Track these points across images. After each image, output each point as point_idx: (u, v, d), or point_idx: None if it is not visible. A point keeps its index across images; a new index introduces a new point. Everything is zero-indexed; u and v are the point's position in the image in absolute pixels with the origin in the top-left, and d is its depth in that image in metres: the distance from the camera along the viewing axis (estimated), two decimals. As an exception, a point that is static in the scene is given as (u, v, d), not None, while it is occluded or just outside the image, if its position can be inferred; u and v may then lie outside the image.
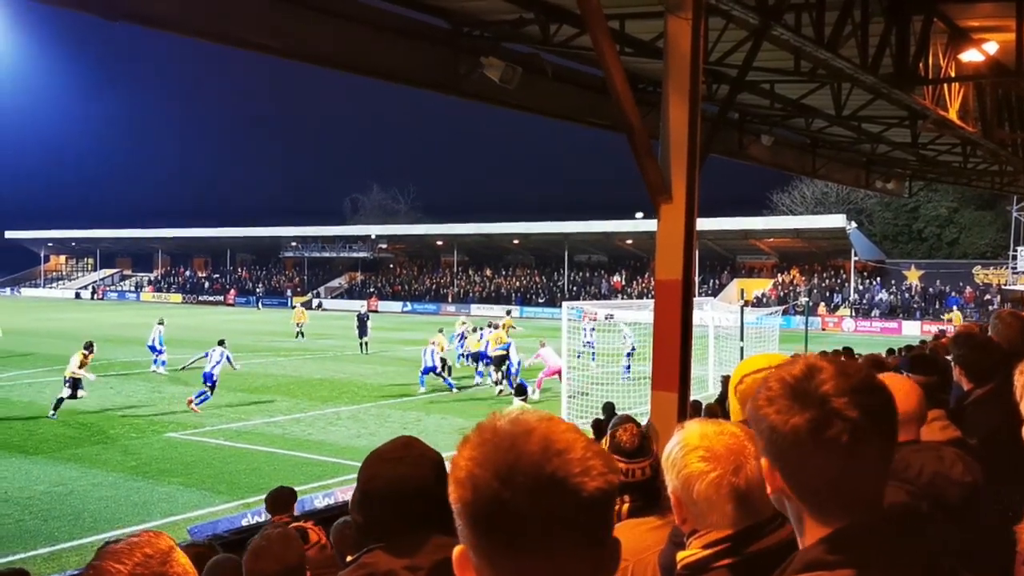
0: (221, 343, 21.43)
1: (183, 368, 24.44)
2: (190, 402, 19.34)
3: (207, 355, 20.75)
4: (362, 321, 33.41)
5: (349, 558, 2.25)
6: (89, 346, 20.12)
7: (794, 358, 1.46)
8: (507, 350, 23.04)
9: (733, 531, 1.85)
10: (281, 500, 7.59)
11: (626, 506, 3.17)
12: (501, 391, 22.70)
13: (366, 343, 32.68)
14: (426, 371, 23.00)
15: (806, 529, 1.40)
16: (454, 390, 22.76)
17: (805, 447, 1.33)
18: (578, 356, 23.32)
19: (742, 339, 23.58)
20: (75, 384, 18.98)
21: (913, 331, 45.28)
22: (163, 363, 26.27)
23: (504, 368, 23.02)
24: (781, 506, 1.46)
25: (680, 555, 1.92)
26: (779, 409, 1.35)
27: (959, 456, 2.76)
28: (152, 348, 26.67)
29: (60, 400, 18.59)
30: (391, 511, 2.12)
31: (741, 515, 1.85)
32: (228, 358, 20.99)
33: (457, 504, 1.13)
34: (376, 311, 58.09)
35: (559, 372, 20.49)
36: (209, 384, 19.95)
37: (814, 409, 1.33)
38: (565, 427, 1.15)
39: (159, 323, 27.51)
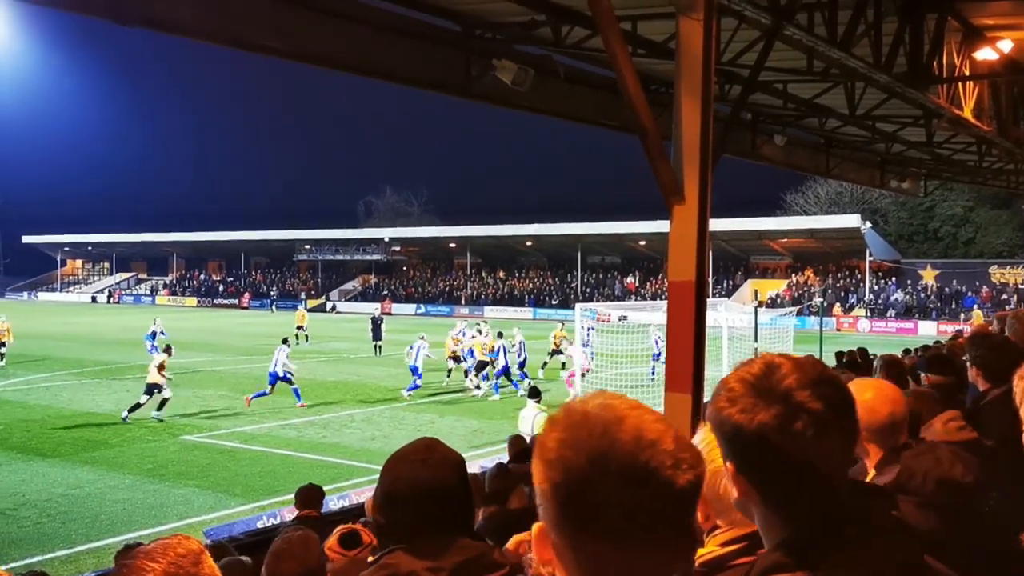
0: (285, 341, 22.25)
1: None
2: (248, 400, 20.45)
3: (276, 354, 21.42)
4: (376, 324, 33.49)
5: (370, 558, 2.26)
6: (168, 350, 20.69)
7: (751, 359, 1.45)
8: (494, 358, 23.25)
9: (751, 530, 1.84)
10: (311, 496, 7.70)
11: None
12: (480, 392, 22.96)
13: (379, 346, 32.79)
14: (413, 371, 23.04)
15: (770, 534, 1.39)
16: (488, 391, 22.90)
17: (772, 444, 1.31)
18: (591, 358, 23.25)
19: (756, 340, 23.50)
20: (152, 390, 19.04)
21: (929, 331, 44.99)
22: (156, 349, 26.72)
23: (484, 372, 23.50)
24: (747, 513, 1.45)
25: (697, 552, 1.92)
26: (743, 408, 1.34)
27: (957, 456, 2.74)
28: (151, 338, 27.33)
29: (137, 405, 18.76)
30: (413, 513, 2.13)
31: None
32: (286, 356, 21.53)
33: (544, 484, 1.13)
34: (390, 313, 58.20)
35: (584, 372, 20.71)
36: (271, 383, 20.71)
37: (779, 404, 1.32)
38: (654, 417, 1.15)
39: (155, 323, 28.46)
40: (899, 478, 2.62)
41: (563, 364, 26.14)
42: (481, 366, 23.53)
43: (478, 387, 23.05)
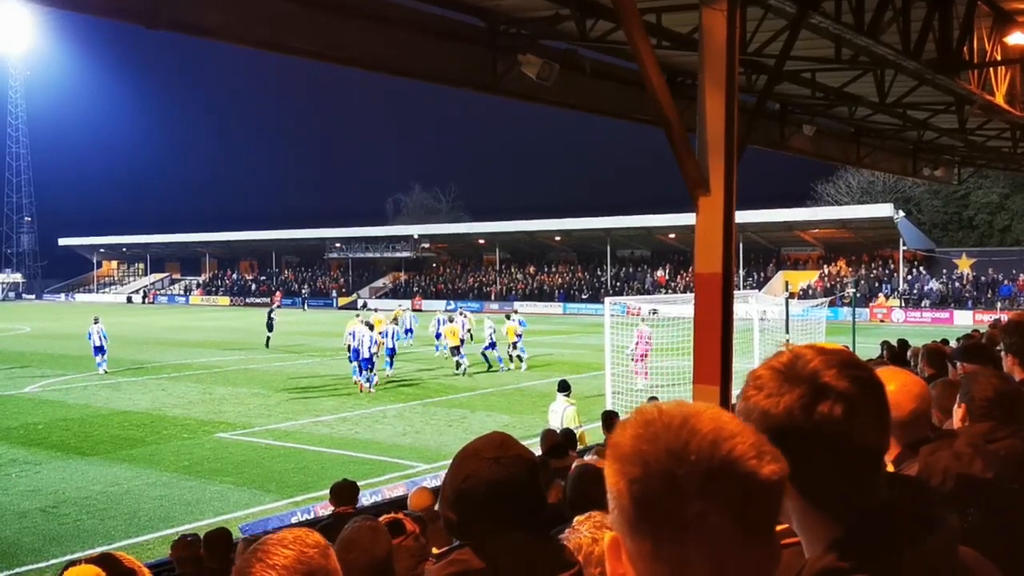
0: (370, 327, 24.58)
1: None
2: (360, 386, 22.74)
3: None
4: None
5: (436, 551, 2.27)
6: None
7: (779, 352, 1.45)
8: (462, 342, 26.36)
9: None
10: (347, 492, 7.78)
11: None
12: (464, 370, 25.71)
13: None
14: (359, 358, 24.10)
15: (812, 531, 1.35)
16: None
17: (800, 426, 1.29)
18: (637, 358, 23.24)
19: (787, 332, 23.29)
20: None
21: (965, 321, 44.38)
22: (102, 363, 27.13)
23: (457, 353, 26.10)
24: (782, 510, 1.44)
25: None
26: (769, 393, 1.32)
27: (976, 449, 2.69)
28: (98, 350, 27.36)
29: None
30: (484, 511, 2.13)
31: None
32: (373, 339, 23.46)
33: (620, 483, 1.08)
34: (420, 310, 58.42)
35: (644, 356, 20.89)
36: (368, 366, 23.03)
37: (804, 385, 1.30)
38: (731, 415, 1.13)
39: (95, 322, 28.30)
40: (920, 475, 2.59)
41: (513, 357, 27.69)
42: (455, 351, 26.23)
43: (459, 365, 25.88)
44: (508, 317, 28.55)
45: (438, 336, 30.83)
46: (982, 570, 1.43)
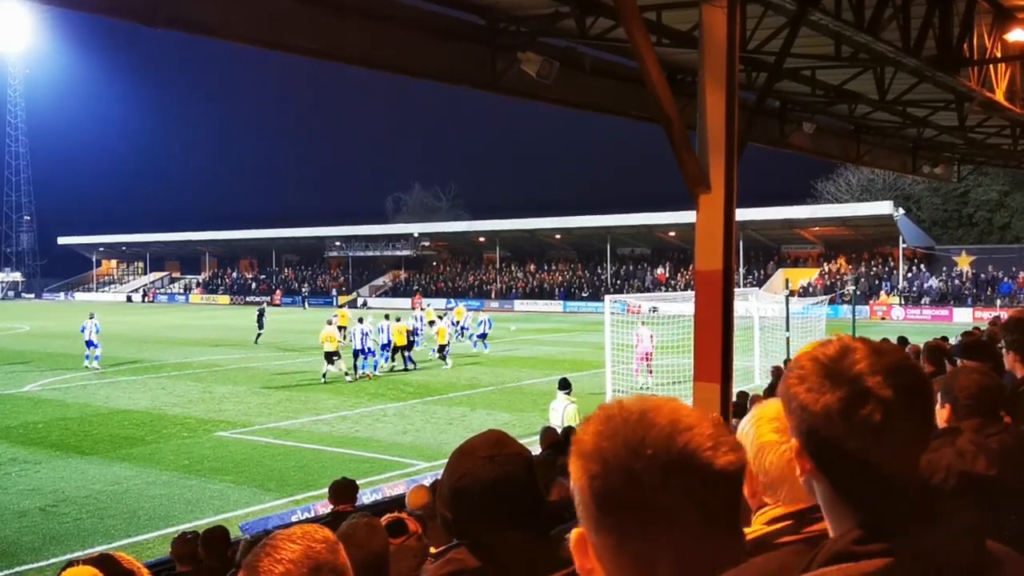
0: (360, 320, 26.03)
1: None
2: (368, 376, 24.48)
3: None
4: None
5: (434, 550, 2.26)
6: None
7: (828, 339, 1.43)
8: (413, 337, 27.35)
9: (798, 508, 1.83)
10: (345, 490, 7.77)
11: None
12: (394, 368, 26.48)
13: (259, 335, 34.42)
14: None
15: (836, 516, 1.36)
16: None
17: (836, 427, 1.29)
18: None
19: (788, 329, 23.31)
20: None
21: (965, 318, 44.37)
22: (97, 357, 27.51)
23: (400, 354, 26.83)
24: (810, 490, 1.43)
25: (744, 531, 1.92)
26: (810, 387, 1.31)
27: (979, 446, 2.68)
28: (89, 343, 27.80)
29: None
30: (481, 509, 2.11)
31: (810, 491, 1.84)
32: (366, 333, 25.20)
33: (583, 479, 1.10)
34: (421, 309, 58.39)
35: (648, 356, 20.80)
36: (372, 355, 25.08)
37: (846, 388, 1.29)
38: (690, 408, 1.14)
39: (91, 317, 28.64)
40: (922, 474, 2.58)
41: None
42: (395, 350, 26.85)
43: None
44: (440, 317, 28.57)
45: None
46: (1013, 563, 1.42)
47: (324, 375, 24.24)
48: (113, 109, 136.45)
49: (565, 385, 14.17)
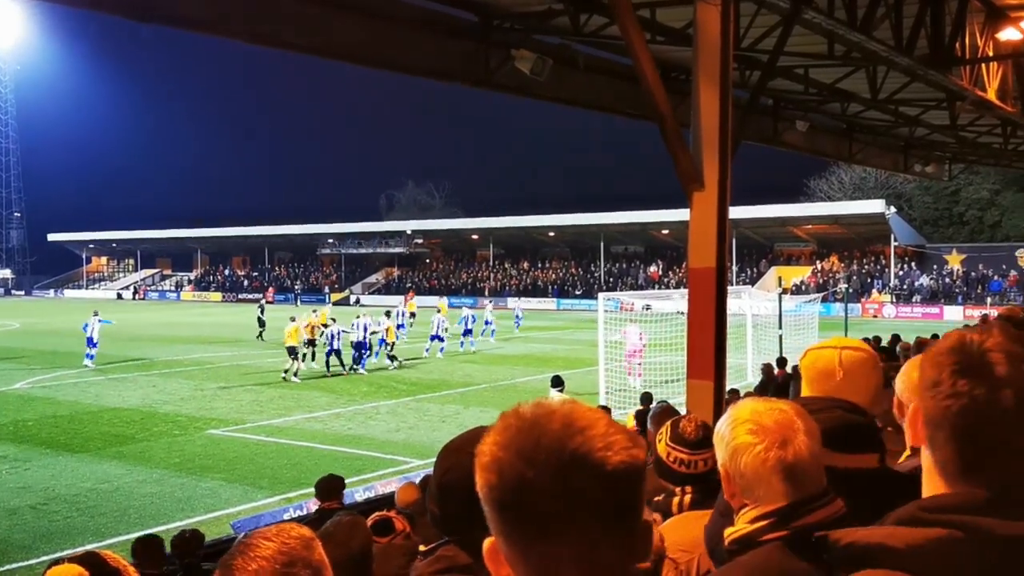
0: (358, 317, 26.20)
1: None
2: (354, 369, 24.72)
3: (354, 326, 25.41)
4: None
5: (423, 548, 2.25)
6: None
7: (974, 327, 1.44)
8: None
9: (778, 506, 1.84)
10: (331, 487, 7.73)
11: (688, 497, 3.16)
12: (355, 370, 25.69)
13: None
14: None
15: (930, 486, 1.39)
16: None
17: (969, 415, 1.31)
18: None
19: (780, 327, 23.36)
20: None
21: (955, 316, 44.56)
22: (91, 356, 27.37)
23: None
24: (918, 456, 1.45)
25: (728, 531, 1.92)
26: (951, 372, 1.33)
27: None
28: (89, 341, 27.66)
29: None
30: (468, 505, 2.11)
31: (788, 490, 1.83)
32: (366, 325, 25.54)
33: (484, 489, 1.12)
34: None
35: (638, 352, 20.77)
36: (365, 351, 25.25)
37: (985, 379, 1.30)
38: (587, 408, 1.15)
39: (95, 314, 28.69)
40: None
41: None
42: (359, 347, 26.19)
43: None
44: (388, 315, 28.35)
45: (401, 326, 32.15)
46: None
47: (286, 371, 23.97)
48: (104, 105, 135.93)
49: (558, 383, 14.16)
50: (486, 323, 34.87)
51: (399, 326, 31.24)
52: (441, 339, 29.44)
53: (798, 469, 1.82)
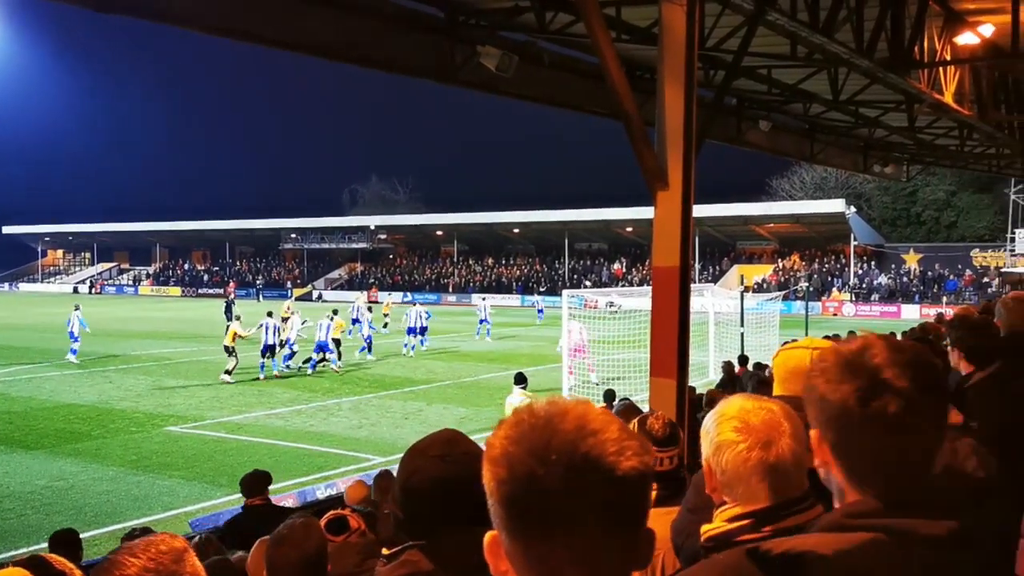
0: (335, 312, 25.93)
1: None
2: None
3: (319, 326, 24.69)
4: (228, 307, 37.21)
5: (386, 552, 2.22)
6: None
7: (851, 337, 1.48)
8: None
9: (757, 507, 1.84)
10: (256, 483, 7.65)
11: (653, 494, 3.17)
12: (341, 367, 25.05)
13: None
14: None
15: (842, 499, 1.43)
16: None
17: (853, 417, 1.35)
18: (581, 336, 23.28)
19: (742, 325, 23.60)
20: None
21: (912, 315, 45.33)
22: (74, 351, 26.91)
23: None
24: (827, 480, 1.47)
25: (704, 528, 1.92)
26: (829, 379, 1.38)
27: (974, 449, 2.73)
28: (72, 336, 27.26)
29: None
30: (432, 509, 2.06)
31: (768, 491, 1.83)
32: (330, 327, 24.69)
33: (491, 484, 1.13)
34: (377, 302, 58.08)
35: (581, 351, 20.72)
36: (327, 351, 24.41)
37: (864, 379, 1.35)
38: (601, 411, 1.15)
39: (76, 309, 28.17)
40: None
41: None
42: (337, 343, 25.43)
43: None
44: (336, 312, 27.11)
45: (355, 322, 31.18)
46: None
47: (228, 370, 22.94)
48: (60, 95, 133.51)
49: (521, 380, 14.16)
50: (481, 322, 34.37)
51: (354, 320, 30.59)
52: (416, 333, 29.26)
53: (779, 471, 1.82)
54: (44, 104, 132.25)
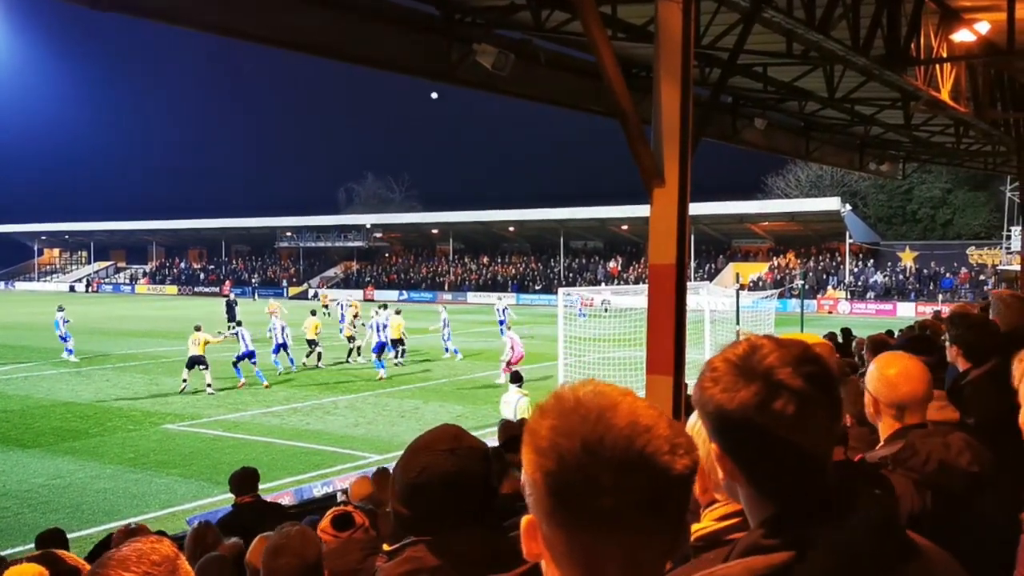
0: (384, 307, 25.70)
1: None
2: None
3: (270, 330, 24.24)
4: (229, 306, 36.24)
5: (387, 547, 2.21)
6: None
7: (736, 341, 1.45)
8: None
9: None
10: (246, 481, 7.67)
11: None
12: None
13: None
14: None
15: (755, 513, 1.38)
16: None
17: (753, 422, 1.31)
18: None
19: (738, 323, 23.63)
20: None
21: (908, 312, 45.40)
22: (70, 351, 26.81)
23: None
24: (733, 493, 1.44)
25: (694, 527, 1.93)
26: (725, 387, 1.34)
27: (967, 444, 2.74)
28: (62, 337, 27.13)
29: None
30: (440, 505, 2.06)
31: None
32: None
33: (537, 473, 1.10)
34: (372, 300, 58.04)
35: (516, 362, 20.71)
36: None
37: (759, 382, 1.32)
38: (646, 403, 1.14)
39: (59, 310, 27.98)
40: (901, 452, 2.65)
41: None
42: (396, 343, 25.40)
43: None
44: (398, 313, 26.70)
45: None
46: (935, 556, 1.43)
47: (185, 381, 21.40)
48: (55, 93, 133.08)
49: (517, 378, 14.18)
50: (500, 322, 34.19)
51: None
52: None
53: None
54: (40, 101, 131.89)
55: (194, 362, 21.14)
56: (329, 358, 26.41)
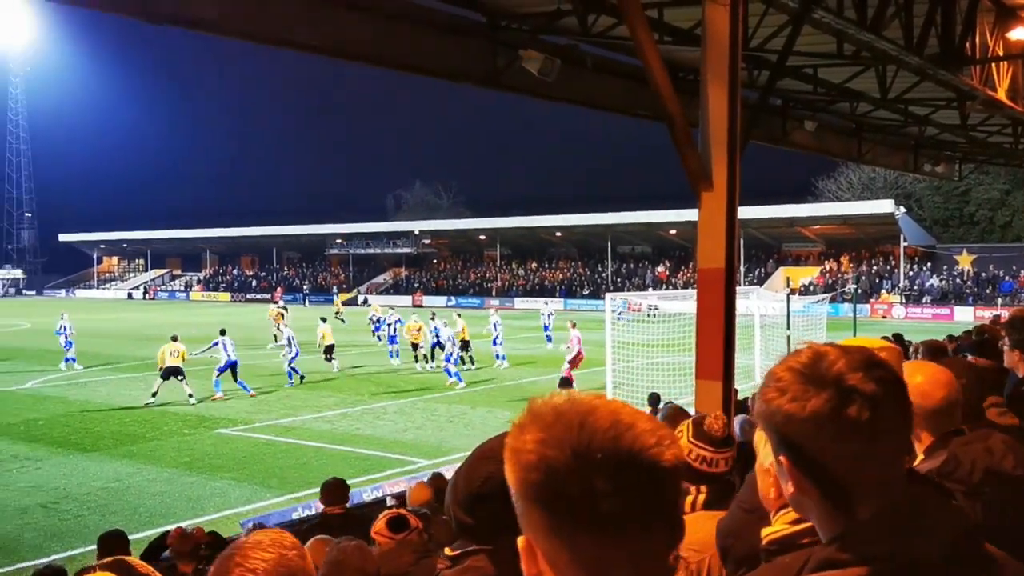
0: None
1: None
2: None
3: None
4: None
5: (449, 552, 2.21)
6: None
7: (797, 350, 1.43)
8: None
9: None
10: (337, 493, 7.72)
11: (702, 496, 3.12)
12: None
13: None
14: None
15: (827, 528, 1.35)
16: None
17: (826, 431, 1.28)
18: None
19: (789, 328, 23.29)
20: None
21: (966, 317, 44.32)
22: (68, 359, 27.12)
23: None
24: (801, 509, 1.40)
25: (765, 531, 1.89)
26: (794, 396, 1.30)
27: (1009, 446, 2.66)
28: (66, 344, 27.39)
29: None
30: (507, 514, 2.07)
31: None
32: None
33: (528, 489, 1.10)
34: (421, 306, 58.48)
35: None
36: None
37: (830, 389, 1.29)
38: (621, 403, 1.14)
39: (61, 317, 28.34)
40: (945, 465, 2.56)
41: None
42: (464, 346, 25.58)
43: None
44: (459, 316, 27.15)
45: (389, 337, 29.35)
46: (1010, 568, 1.40)
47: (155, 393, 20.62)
48: (115, 106, 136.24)
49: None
50: (544, 327, 34.28)
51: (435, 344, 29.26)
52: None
53: None
54: (100, 114, 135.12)
55: (170, 373, 20.68)
56: (371, 363, 26.60)
